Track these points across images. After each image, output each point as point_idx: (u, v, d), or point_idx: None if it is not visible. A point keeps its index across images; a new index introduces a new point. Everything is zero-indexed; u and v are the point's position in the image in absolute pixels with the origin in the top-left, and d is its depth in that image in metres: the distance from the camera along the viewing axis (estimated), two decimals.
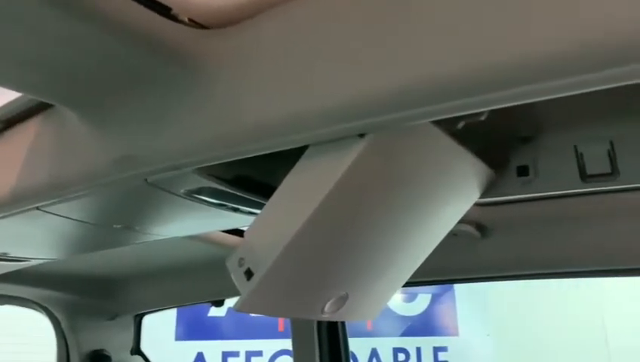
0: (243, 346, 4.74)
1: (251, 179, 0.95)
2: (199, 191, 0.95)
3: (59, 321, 2.25)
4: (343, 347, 1.97)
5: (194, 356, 4.71)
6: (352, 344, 2.03)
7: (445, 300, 4.90)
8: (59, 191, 0.96)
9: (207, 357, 4.72)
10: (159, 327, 4.20)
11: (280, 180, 0.79)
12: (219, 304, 2.15)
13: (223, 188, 0.92)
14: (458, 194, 0.96)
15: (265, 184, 0.96)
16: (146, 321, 2.44)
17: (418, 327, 4.88)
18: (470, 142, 0.85)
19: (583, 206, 1.22)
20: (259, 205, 0.98)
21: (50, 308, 2.23)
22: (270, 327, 4.59)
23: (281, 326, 4.57)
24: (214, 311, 4.48)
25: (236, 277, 0.79)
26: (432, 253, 1.02)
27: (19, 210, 1.03)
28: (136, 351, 2.40)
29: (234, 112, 0.74)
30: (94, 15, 0.65)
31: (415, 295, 4.88)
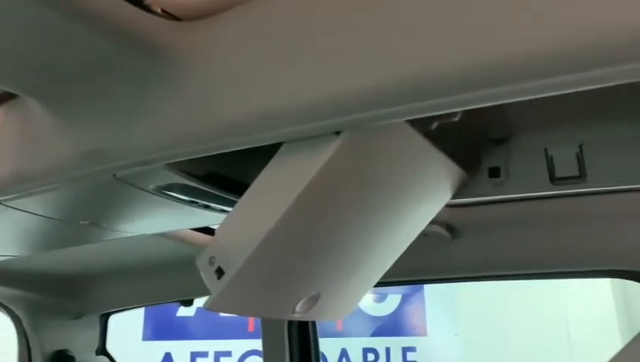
0: (212, 346, 4.70)
1: (223, 175, 0.94)
2: (169, 188, 0.93)
3: (20, 320, 2.18)
4: (313, 347, 1.97)
5: (162, 356, 4.64)
6: (322, 344, 2.03)
7: (415, 301, 4.95)
8: (22, 186, 0.93)
9: (175, 358, 4.67)
10: (126, 327, 4.12)
11: (253, 177, 0.78)
12: (188, 303, 2.13)
13: (194, 185, 0.91)
14: (430, 194, 0.97)
15: (237, 181, 0.94)
16: (113, 321, 2.39)
17: (388, 327, 4.91)
18: (443, 143, 0.85)
19: (552, 208, 1.24)
20: (231, 203, 0.96)
21: (11, 306, 2.16)
22: (240, 327, 4.56)
23: (251, 326, 4.54)
24: (183, 310, 4.41)
25: (206, 276, 0.77)
26: (404, 253, 1.02)
27: None
28: (102, 351, 2.36)
29: (206, 107, 0.73)
30: (60, 1, 0.62)
31: (385, 295, 4.91)
